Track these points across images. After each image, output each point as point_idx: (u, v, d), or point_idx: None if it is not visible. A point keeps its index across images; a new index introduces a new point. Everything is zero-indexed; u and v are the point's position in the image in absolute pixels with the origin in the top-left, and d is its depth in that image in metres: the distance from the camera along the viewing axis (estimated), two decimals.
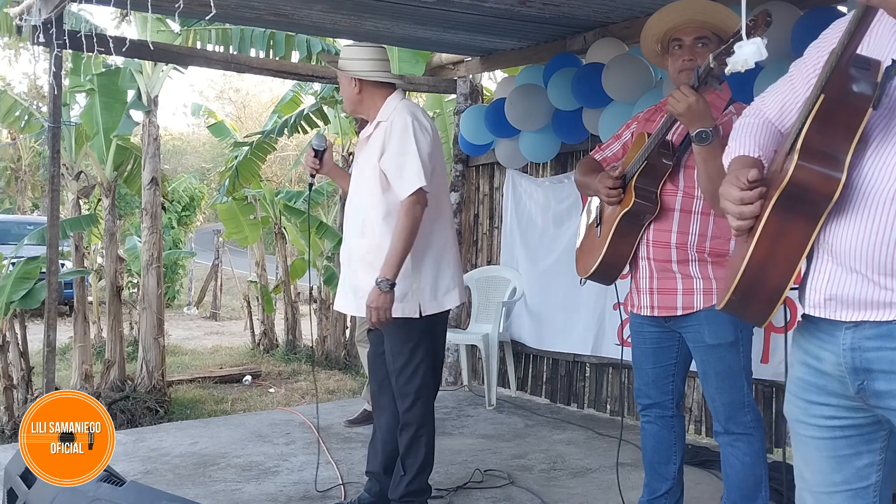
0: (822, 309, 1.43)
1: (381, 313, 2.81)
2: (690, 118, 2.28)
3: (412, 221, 2.81)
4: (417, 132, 2.88)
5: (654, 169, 2.52)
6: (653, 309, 2.60)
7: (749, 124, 1.66)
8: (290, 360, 9.81)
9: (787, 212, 1.38)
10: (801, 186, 1.34)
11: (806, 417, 1.54)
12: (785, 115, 1.64)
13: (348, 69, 3.00)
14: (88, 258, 10.42)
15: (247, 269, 13.81)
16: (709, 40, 2.46)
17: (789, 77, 1.67)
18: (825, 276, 1.42)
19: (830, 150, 1.33)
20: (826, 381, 1.48)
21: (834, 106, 1.34)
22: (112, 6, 4.36)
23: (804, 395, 1.54)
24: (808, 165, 1.33)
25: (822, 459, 1.53)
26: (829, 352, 1.46)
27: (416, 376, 2.97)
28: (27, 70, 24.83)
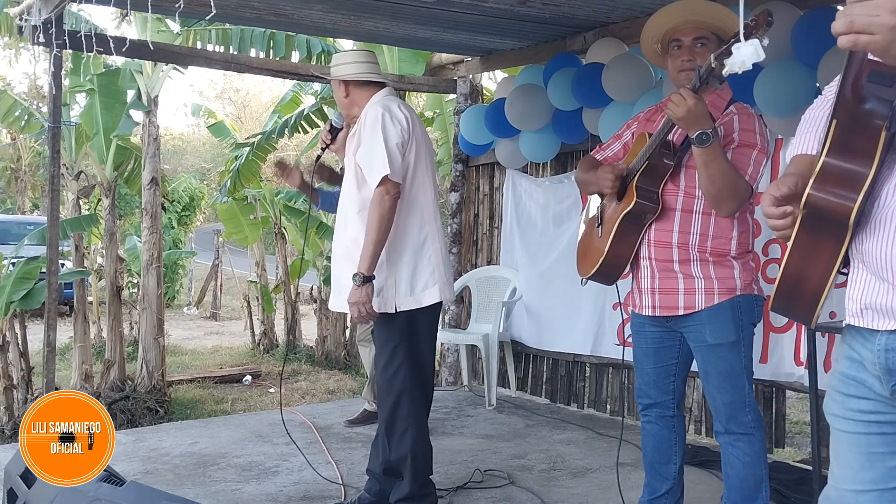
0: (860, 318, 1.47)
1: (359, 307, 2.81)
2: (689, 122, 2.28)
3: (380, 213, 2.79)
4: (387, 123, 2.86)
5: (655, 169, 2.52)
6: (654, 309, 2.60)
7: (815, 118, 1.65)
8: (290, 360, 9.81)
9: (813, 229, 1.41)
10: (816, 209, 1.38)
11: (843, 411, 1.54)
12: None
13: (335, 74, 3.04)
14: (88, 258, 10.43)
15: (247, 269, 13.81)
16: (708, 40, 2.46)
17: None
18: (860, 286, 1.45)
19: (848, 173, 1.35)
20: (867, 376, 1.50)
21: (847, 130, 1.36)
22: (112, 6, 4.36)
23: (843, 389, 1.55)
24: (819, 193, 1.37)
25: (855, 455, 1.53)
26: (868, 350, 1.48)
27: (396, 377, 2.93)
28: (27, 70, 24.84)
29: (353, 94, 3.03)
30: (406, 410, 2.94)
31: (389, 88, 3.09)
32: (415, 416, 2.95)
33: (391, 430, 2.97)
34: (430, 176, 3.02)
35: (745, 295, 2.53)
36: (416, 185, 2.95)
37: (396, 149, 2.85)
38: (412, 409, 2.95)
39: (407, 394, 2.93)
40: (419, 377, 2.98)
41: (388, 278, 2.90)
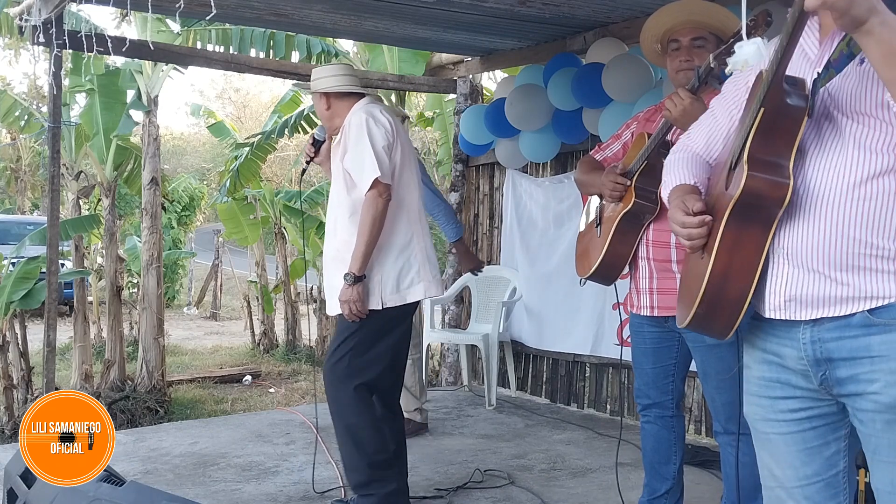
0: (783, 311, 1.50)
1: (352, 306, 2.89)
2: (686, 122, 2.28)
3: (373, 214, 2.86)
4: (371, 126, 2.94)
5: (654, 169, 2.52)
6: (653, 309, 2.60)
7: (679, 159, 1.78)
8: (290, 360, 9.81)
9: (742, 222, 1.46)
10: (754, 195, 1.42)
11: (773, 414, 1.59)
12: (711, 146, 1.76)
13: (316, 88, 3.13)
14: (88, 258, 10.43)
15: (247, 269, 13.81)
16: (706, 41, 2.48)
17: (711, 112, 1.78)
18: (783, 279, 1.49)
19: (775, 158, 1.43)
20: (789, 375, 1.55)
21: (773, 117, 1.43)
22: (112, 6, 4.36)
23: (768, 393, 1.60)
24: (758, 174, 1.42)
25: (793, 454, 1.58)
26: (789, 348, 1.53)
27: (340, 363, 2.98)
28: (27, 70, 24.83)
29: (335, 106, 3.11)
30: (346, 399, 2.98)
31: (370, 97, 3.17)
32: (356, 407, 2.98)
33: (335, 420, 3.03)
34: (415, 177, 3.09)
35: None
36: (403, 185, 3.03)
37: (383, 151, 2.92)
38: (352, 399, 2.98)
39: (347, 381, 2.97)
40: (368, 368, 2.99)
41: (375, 275, 2.96)
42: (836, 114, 1.45)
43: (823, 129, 1.46)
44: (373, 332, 3.00)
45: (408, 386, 4.24)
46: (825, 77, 1.46)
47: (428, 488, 3.47)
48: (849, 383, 1.46)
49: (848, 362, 1.45)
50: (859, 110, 1.43)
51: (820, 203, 1.43)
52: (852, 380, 1.46)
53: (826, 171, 1.43)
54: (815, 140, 1.46)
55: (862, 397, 1.46)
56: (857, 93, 1.42)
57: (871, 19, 1.27)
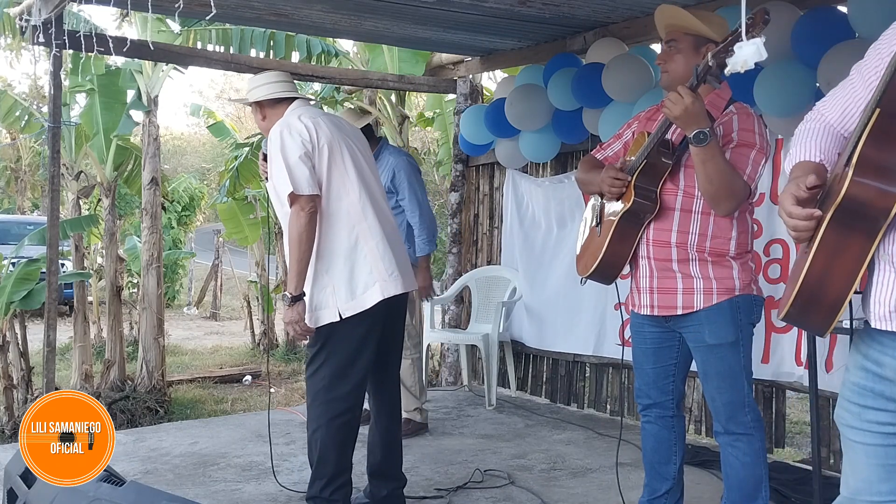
0: (888, 321, 1.43)
1: (294, 327, 2.82)
2: (686, 120, 2.29)
3: (297, 231, 2.76)
4: (285, 139, 2.81)
5: (653, 168, 2.52)
6: (653, 308, 2.60)
7: (810, 129, 1.65)
8: (289, 360, 9.81)
9: (844, 227, 1.37)
10: (856, 202, 1.34)
11: (859, 423, 1.52)
12: (846, 119, 1.62)
13: (249, 99, 3.05)
14: (88, 258, 10.43)
15: (247, 269, 13.81)
16: (677, 42, 2.52)
17: (850, 80, 1.64)
18: (889, 288, 1.42)
19: (888, 164, 1.32)
20: (885, 386, 1.48)
21: (890, 120, 1.33)
22: (112, 6, 4.36)
23: (859, 400, 1.52)
24: (864, 181, 1.32)
25: (871, 467, 1.51)
26: (891, 357, 1.45)
27: (316, 377, 2.90)
28: (27, 70, 24.83)
29: (269, 116, 3.00)
30: (318, 412, 2.90)
31: (299, 101, 3.03)
32: (326, 419, 2.89)
33: (308, 429, 2.96)
34: (351, 175, 2.91)
35: (744, 295, 2.52)
36: (335, 188, 2.87)
37: (300, 162, 2.78)
38: (323, 412, 2.89)
39: (322, 395, 2.89)
40: (343, 380, 2.88)
41: (325, 288, 2.85)
42: None
43: None
44: (340, 344, 2.87)
45: (407, 386, 4.24)
46: None
47: (428, 488, 3.47)
48: None
49: None
50: None
51: None
52: None
53: None
54: None
55: None
56: None
57: None
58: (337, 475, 2.91)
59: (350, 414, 2.93)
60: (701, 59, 2.40)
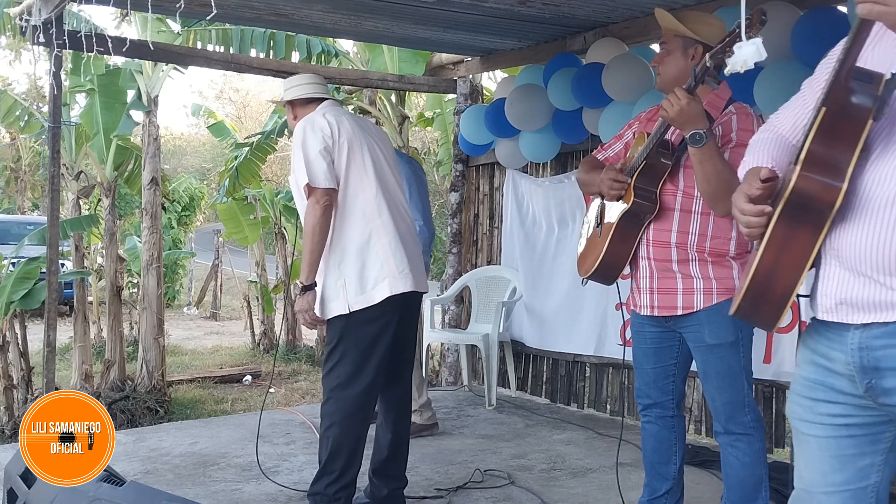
0: (834, 313, 1.48)
1: (304, 316, 2.93)
2: (683, 121, 2.30)
3: (311, 223, 2.84)
4: (307, 134, 2.90)
5: (653, 169, 2.52)
6: (653, 308, 2.61)
7: (763, 139, 1.73)
8: (289, 360, 9.81)
9: (792, 220, 1.43)
10: (803, 195, 1.40)
11: (812, 416, 1.56)
12: (797, 129, 1.69)
13: (283, 97, 3.17)
14: (88, 258, 10.43)
15: (247, 269, 13.82)
16: (667, 44, 2.56)
17: (801, 94, 1.74)
18: (834, 281, 1.47)
19: (832, 160, 1.39)
20: (835, 379, 1.52)
21: (835, 118, 1.40)
22: (112, 6, 4.36)
23: (811, 394, 1.56)
24: (810, 175, 1.39)
25: (825, 459, 1.55)
26: (839, 351, 1.49)
27: (332, 373, 2.94)
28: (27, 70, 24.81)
29: (300, 115, 3.09)
30: (333, 408, 2.94)
31: (329, 102, 3.11)
32: (341, 415, 2.92)
33: (321, 425, 2.99)
34: (369, 172, 2.97)
35: None
36: (352, 184, 2.94)
37: (319, 156, 2.86)
38: (339, 408, 2.92)
39: (338, 391, 2.92)
40: (358, 377, 2.92)
41: (337, 281, 2.91)
42: None
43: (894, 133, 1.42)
44: (354, 342, 2.92)
45: None
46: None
47: (428, 488, 3.47)
48: (894, 394, 1.44)
49: (894, 373, 1.42)
50: None
51: (873, 207, 1.40)
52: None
53: (884, 175, 1.41)
54: (883, 143, 1.42)
55: None
56: None
57: None
58: (344, 474, 2.94)
59: (364, 412, 2.97)
60: (690, 60, 2.47)
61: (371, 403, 3.01)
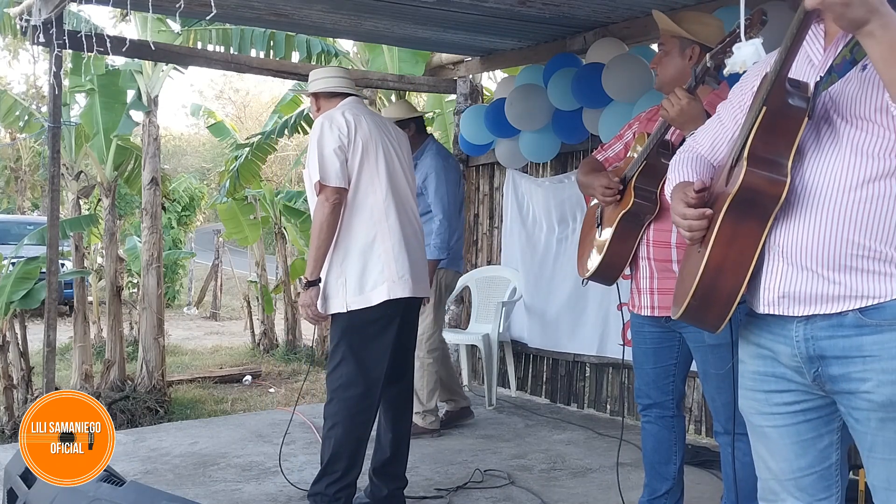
0: (777, 306, 1.54)
1: (305, 310, 2.95)
2: (683, 121, 2.30)
3: (319, 219, 2.87)
4: (324, 130, 2.92)
5: (653, 169, 2.52)
6: (653, 309, 2.61)
7: (684, 159, 1.82)
8: (290, 360, 9.81)
9: (738, 217, 1.49)
10: (751, 190, 1.46)
11: (767, 408, 1.63)
12: (716, 148, 1.80)
13: (308, 88, 3.19)
14: (88, 258, 10.43)
15: (247, 269, 13.82)
16: (665, 45, 2.58)
17: (718, 117, 1.82)
18: (778, 276, 1.52)
19: (774, 156, 1.47)
20: (783, 370, 1.58)
21: (775, 116, 1.48)
22: (112, 6, 4.36)
23: (762, 387, 1.63)
24: (756, 170, 1.46)
25: (787, 446, 1.62)
26: (783, 344, 1.56)
27: (334, 374, 2.96)
28: (27, 70, 24.84)
29: (323, 107, 3.12)
30: (336, 408, 2.95)
31: (352, 99, 3.13)
32: (343, 416, 2.93)
33: (324, 426, 3.01)
34: (381, 175, 3.00)
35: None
36: (363, 185, 2.96)
37: (333, 154, 2.88)
38: (342, 408, 2.94)
39: (340, 392, 2.94)
40: (360, 377, 2.94)
41: (338, 279, 2.93)
42: (836, 117, 1.49)
43: (822, 132, 1.50)
44: (357, 336, 2.95)
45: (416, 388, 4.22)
46: (827, 81, 1.50)
47: (428, 488, 3.47)
48: (841, 381, 1.50)
49: (840, 360, 1.48)
50: (859, 115, 1.46)
51: (816, 203, 1.46)
52: (845, 378, 1.49)
53: (823, 172, 1.47)
54: (814, 142, 1.50)
55: (855, 395, 1.49)
56: (858, 97, 1.46)
57: (871, 20, 1.30)
58: (346, 474, 2.95)
59: (366, 414, 2.98)
60: (687, 60, 2.50)
61: (374, 405, 3.01)
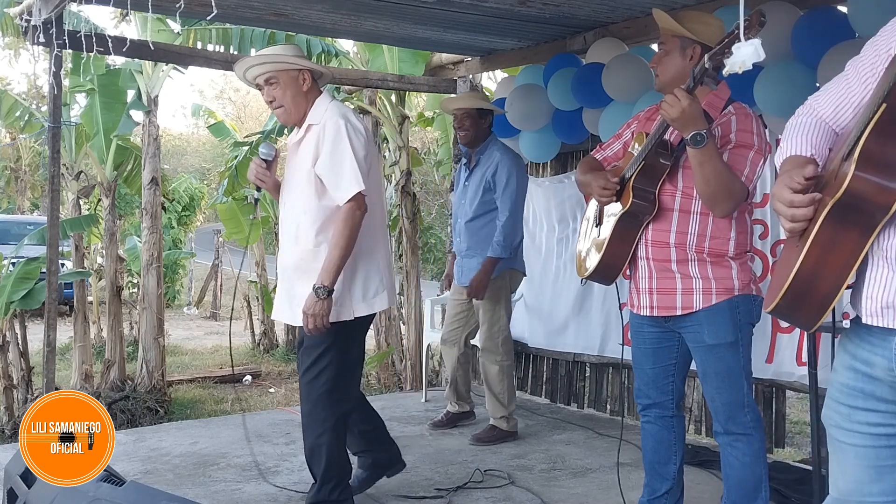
0: (880, 317, 1.42)
1: (318, 320, 2.76)
2: (683, 122, 2.29)
3: (352, 228, 2.77)
4: (351, 134, 2.82)
5: (652, 169, 2.52)
6: (652, 309, 2.61)
7: (802, 123, 1.63)
8: (290, 360, 9.81)
9: (841, 221, 1.36)
10: (857, 197, 1.32)
11: (849, 424, 1.50)
12: (840, 114, 1.60)
13: (302, 63, 2.90)
14: (88, 258, 10.43)
15: (247, 269, 13.82)
16: (665, 44, 2.57)
17: (844, 76, 1.60)
18: (882, 284, 1.40)
19: (890, 159, 1.30)
20: (875, 386, 1.46)
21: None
22: (112, 6, 4.36)
23: (848, 401, 1.50)
24: (866, 176, 1.30)
25: (862, 468, 1.49)
26: (881, 357, 1.44)
27: (318, 380, 2.90)
28: (27, 70, 24.83)
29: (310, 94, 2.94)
30: (323, 415, 2.91)
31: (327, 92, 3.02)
32: (332, 422, 2.91)
33: (307, 433, 2.96)
34: (378, 187, 3.05)
35: (744, 295, 2.53)
36: (370, 195, 2.91)
37: (364, 162, 2.82)
38: (329, 415, 2.91)
39: (326, 398, 2.89)
40: (345, 382, 2.93)
41: (346, 285, 2.87)
42: None
43: None
44: (345, 342, 2.91)
45: (495, 392, 4.26)
46: None
47: (428, 488, 3.47)
48: None
49: None
50: None
51: None
52: None
53: None
54: None
55: None
56: None
57: None
58: (344, 476, 2.98)
59: (347, 417, 3.00)
60: (688, 60, 2.48)
61: (352, 408, 3.03)
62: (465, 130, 4.21)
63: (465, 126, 4.20)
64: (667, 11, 2.57)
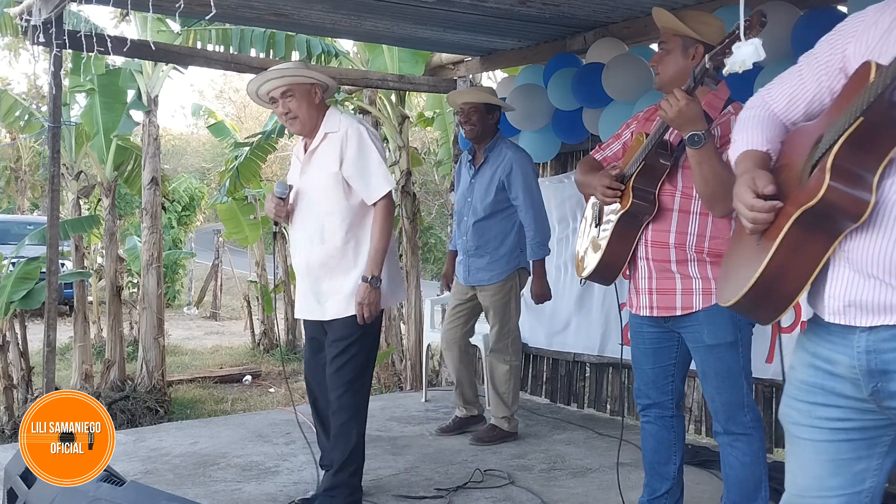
0: (842, 315, 1.45)
1: (374, 308, 3.02)
2: (681, 122, 2.29)
3: (389, 224, 3.05)
4: (373, 139, 3.09)
5: (652, 169, 2.52)
6: (652, 309, 2.60)
7: (755, 116, 1.65)
8: (289, 359, 9.81)
9: (809, 227, 1.39)
10: (830, 206, 1.36)
11: (808, 420, 1.53)
12: (792, 108, 1.63)
13: (316, 77, 3.13)
14: (88, 258, 10.43)
15: (247, 269, 13.82)
16: (666, 43, 2.56)
17: (798, 69, 1.63)
18: (843, 284, 1.43)
19: (861, 171, 1.35)
20: (836, 383, 1.48)
21: (872, 130, 1.35)
22: (112, 6, 4.36)
23: (808, 398, 1.53)
24: (839, 187, 1.34)
25: (821, 463, 1.52)
26: (843, 354, 1.46)
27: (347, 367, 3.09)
28: (27, 70, 24.84)
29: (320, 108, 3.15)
30: (352, 400, 3.09)
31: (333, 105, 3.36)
32: (359, 407, 3.13)
33: (335, 418, 3.12)
34: None
35: None
36: None
37: (385, 163, 3.10)
38: (357, 400, 3.11)
39: (354, 383, 3.10)
40: (369, 370, 3.19)
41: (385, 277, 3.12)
42: None
43: None
44: (373, 333, 3.17)
45: (500, 392, 4.28)
46: None
47: (428, 488, 3.47)
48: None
49: None
50: None
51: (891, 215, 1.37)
52: None
53: None
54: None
55: None
56: None
57: None
58: (362, 462, 3.16)
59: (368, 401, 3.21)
60: (690, 60, 2.47)
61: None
62: (472, 125, 4.13)
63: (472, 121, 4.14)
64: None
